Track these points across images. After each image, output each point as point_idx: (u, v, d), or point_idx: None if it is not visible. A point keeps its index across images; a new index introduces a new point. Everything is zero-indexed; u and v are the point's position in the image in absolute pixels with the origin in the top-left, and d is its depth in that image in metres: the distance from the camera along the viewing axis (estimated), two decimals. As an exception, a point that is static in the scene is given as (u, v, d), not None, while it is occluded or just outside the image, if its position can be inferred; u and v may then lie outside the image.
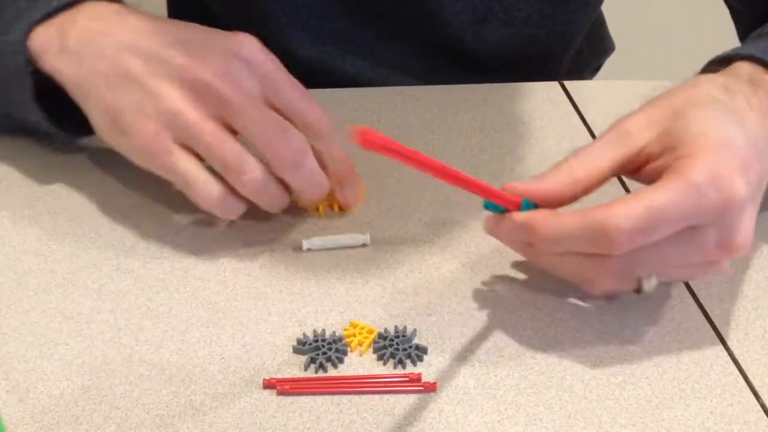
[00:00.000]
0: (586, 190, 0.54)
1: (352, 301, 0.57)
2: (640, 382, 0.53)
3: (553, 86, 0.78)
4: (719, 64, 0.62)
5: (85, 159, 0.68)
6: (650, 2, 1.75)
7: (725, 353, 0.55)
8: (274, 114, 0.57)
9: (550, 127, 0.73)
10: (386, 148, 0.47)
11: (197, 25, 0.60)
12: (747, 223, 0.52)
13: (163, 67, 0.56)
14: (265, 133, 0.56)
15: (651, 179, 0.53)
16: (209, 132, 0.56)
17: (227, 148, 0.56)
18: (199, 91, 0.56)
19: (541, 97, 0.76)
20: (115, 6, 0.61)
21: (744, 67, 0.59)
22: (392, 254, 0.60)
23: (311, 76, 0.81)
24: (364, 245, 0.60)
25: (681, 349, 0.55)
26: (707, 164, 0.50)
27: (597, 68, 1.00)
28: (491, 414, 0.51)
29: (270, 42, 0.70)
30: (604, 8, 0.97)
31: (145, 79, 0.56)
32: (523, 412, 0.51)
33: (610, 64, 1.01)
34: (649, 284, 0.53)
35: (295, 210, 0.63)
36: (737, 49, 0.62)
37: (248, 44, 0.58)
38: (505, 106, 0.75)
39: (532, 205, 0.54)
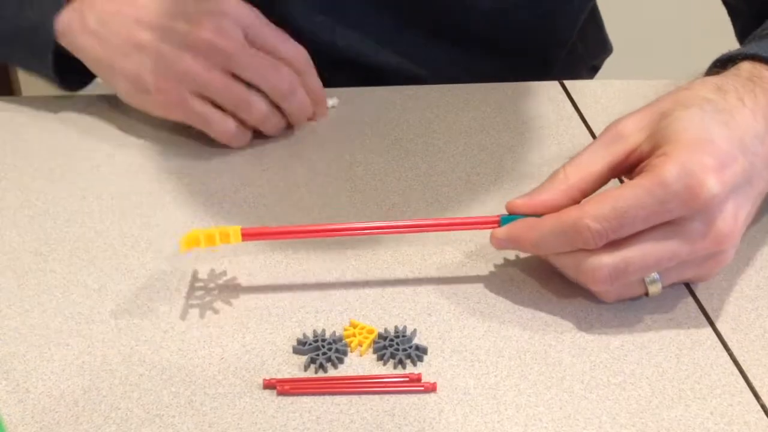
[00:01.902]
0: (584, 194, 0.56)
1: (352, 301, 0.57)
2: (640, 382, 0.53)
3: (553, 86, 0.78)
4: (723, 64, 0.62)
5: (85, 159, 0.69)
6: (649, 3, 1.75)
7: (725, 353, 0.55)
8: (264, 55, 0.68)
9: (550, 127, 0.73)
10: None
11: None
12: (729, 213, 0.53)
13: (168, 35, 0.67)
14: (261, 72, 0.67)
15: None
16: (217, 80, 0.66)
17: (234, 90, 0.67)
18: (202, 49, 0.66)
19: (541, 97, 0.76)
20: None
21: (745, 66, 0.60)
22: (392, 254, 0.60)
23: (301, 45, 0.81)
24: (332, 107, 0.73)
25: (681, 349, 0.55)
26: (679, 161, 0.52)
27: (595, 69, 1.00)
28: (491, 414, 0.51)
29: (262, 9, 0.71)
30: (603, 10, 0.97)
31: (155, 46, 0.67)
32: (523, 412, 0.51)
33: (609, 64, 1.01)
34: (655, 287, 0.55)
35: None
36: (741, 48, 0.62)
37: (230, 2, 0.67)
38: (505, 106, 0.75)
39: (513, 217, 0.57)
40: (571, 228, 0.53)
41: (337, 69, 0.80)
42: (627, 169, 0.56)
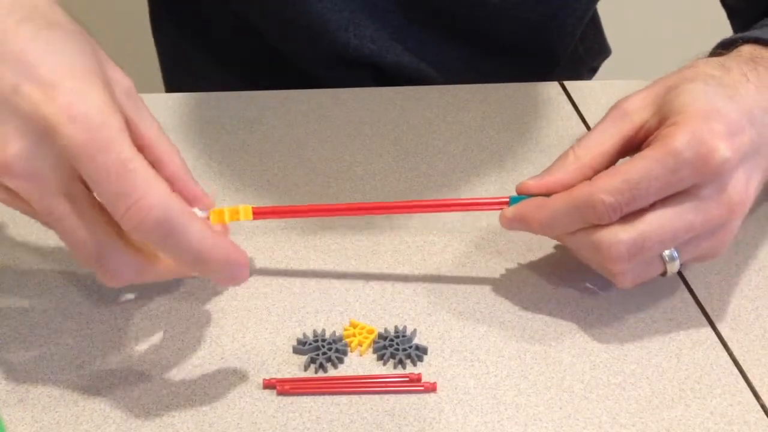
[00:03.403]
0: (596, 173, 0.55)
1: (352, 301, 0.57)
2: (640, 382, 0.53)
3: (553, 86, 0.78)
4: (725, 47, 0.62)
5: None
6: (648, 4, 1.75)
7: (725, 353, 0.55)
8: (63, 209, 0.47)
9: (550, 127, 0.73)
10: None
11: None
12: (740, 181, 0.53)
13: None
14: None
15: None
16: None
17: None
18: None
19: (541, 97, 0.76)
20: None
21: (745, 48, 0.60)
22: (392, 254, 0.60)
23: (313, 40, 0.80)
24: None
25: (681, 349, 0.55)
26: (688, 130, 0.51)
27: (594, 70, 1.00)
28: (491, 414, 0.51)
29: (275, 4, 0.67)
30: (602, 11, 0.98)
31: None
32: (523, 412, 0.51)
33: (607, 66, 1.01)
34: (673, 266, 0.54)
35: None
36: (742, 33, 0.62)
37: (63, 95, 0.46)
38: (505, 106, 0.75)
39: (523, 197, 0.56)
40: (583, 203, 0.52)
41: (350, 68, 0.80)
42: (636, 145, 0.56)
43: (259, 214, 0.55)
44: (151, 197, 0.44)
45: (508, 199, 0.56)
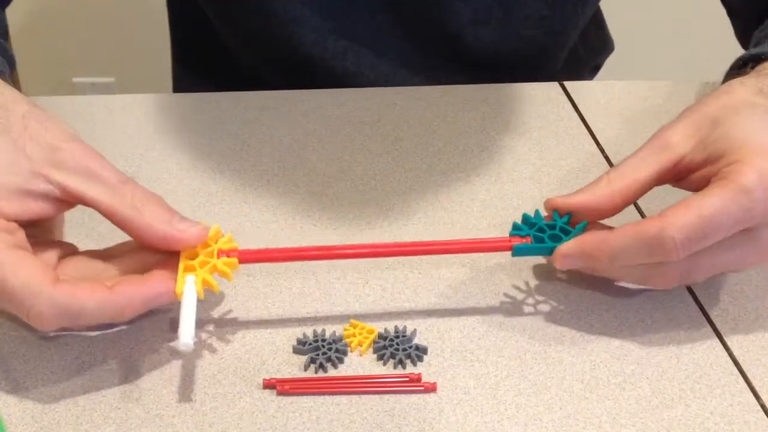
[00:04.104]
0: (626, 201, 0.55)
1: (352, 301, 0.57)
2: (640, 382, 0.53)
3: (553, 86, 0.78)
4: (740, 68, 0.62)
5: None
6: (650, 2, 1.75)
7: (725, 353, 0.55)
8: None
9: (550, 127, 0.73)
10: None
11: None
12: None
13: None
14: None
15: (698, 187, 0.53)
16: None
17: None
18: None
19: (541, 97, 0.76)
20: None
21: None
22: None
23: (312, 73, 0.81)
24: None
25: (681, 349, 0.55)
26: (755, 168, 0.51)
27: (596, 68, 1.00)
28: (491, 414, 0.51)
29: (271, 39, 0.69)
30: (604, 8, 0.98)
31: None
32: (523, 412, 0.51)
33: (610, 64, 1.01)
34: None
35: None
36: (758, 50, 0.62)
37: None
38: (505, 106, 0.75)
39: (525, 245, 0.55)
40: (654, 239, 0.50)
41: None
42: (674, 177, 0.55)
43: (244, 260, 0.53)
44: (37, 307, 0.48)
45: (510, 241, 0.55)
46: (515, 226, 0.56)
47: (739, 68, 0.63)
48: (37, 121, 0.51)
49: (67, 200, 0.51)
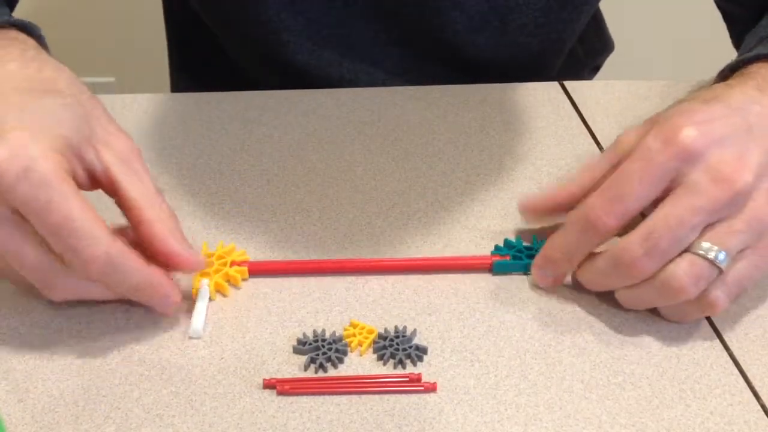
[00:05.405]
0: (584, 191, 0.57)
1: (352, 301, 0.57)
2: (640, 382, 0.53)
3: (553, 86, 0.78)
4: (731, 72, 0.62)
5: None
6: (650, 2, 1.75)
7: (725, 353, 0.55)
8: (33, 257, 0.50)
9: (550, 127, 0.73)
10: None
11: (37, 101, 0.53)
12: (728, 155, 0.53)
13: None
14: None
15: None
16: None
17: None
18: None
19: (541, 97, 0.77)
20: (7, 42, 0.56)
21: (751, 67, 0.61)
22: (392, 254, 0.60)
23: (308, 81, 0.82)
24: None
25: (681, 349, 0.55)
26: (658, 129, 0.54)
27: (596, 68, 1.00)
28: (491, 414, 0.51)
29: (267, 48, 0.70)
30: (604, 8, 0.97)
31: None
32: (523, 412, 0.51)
33: (610, 63, 1.01)
34: (723, 262, 0.53)
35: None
36: (740, 58, 0.62)
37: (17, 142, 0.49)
38: (505, 106, 0.75)
39: (504, 262, 0.59)
40: (580, 217, 0.54)
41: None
42: None
43: (254, 271, 0.58)
44: (93, 249, 0.49)
45: (490, 259, 0.59)
46: (496, 248, 0.60)
47: (730, 72, 0.63)
48: (101, 109, 0.56)
49: (99, 182, 0.53)
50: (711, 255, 0.52)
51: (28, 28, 0.59)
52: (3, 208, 0.49)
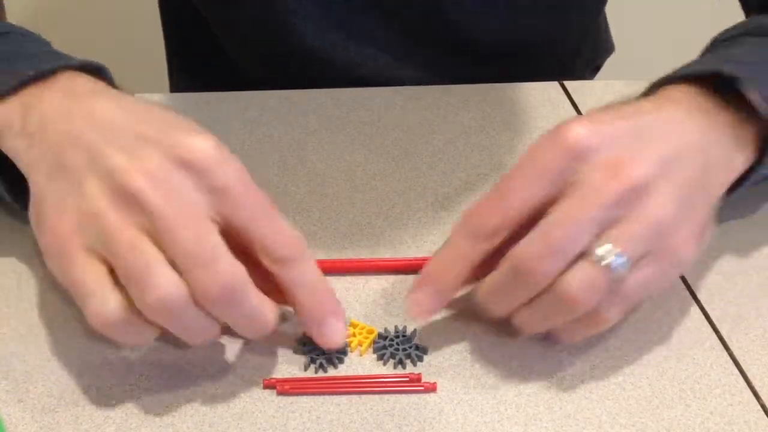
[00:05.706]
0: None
1: (352, 301, 0.57)
2: (640, 382, 0.53)
3: (553, 86, 0.78)
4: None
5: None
6: (650, 2, 1.75)
7: (725, 353, 0.55)
8: (210, 238, 0.47)
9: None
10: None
11: (169, 113, 0.53)
12: (622, 153, 0.50)
13: (98, 166, 0.49)
14: (187, 258, 0.46)
15: None
16: (124, 240, 0.46)
17: (138, 255, 0.46)
18: (128, 198, 0.47)
19: (541, 97, 0.76)
20: (91, 84, 0.55)
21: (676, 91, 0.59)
22: (392, 254, 0.60)
23: (313, 64, 0.81)
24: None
25: (681, 349, 0.55)
26: (548, 132, 0.51)
27: (597, 68, 1.00)
28: (491, 414, 0.51)
29: (273, 32, 0.69)
30: (606, 7, 0.97)
31: (77, 175, 0.49)
32: (523, 412, 0.51)
33: (610, 63, 1.01)
34: (616, 266, 0.49)
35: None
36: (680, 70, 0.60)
37: (203, 149, 0.49)
38: (505, 106, 0.75)
39: None
40: (463, 225, 0.52)
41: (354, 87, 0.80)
42: None
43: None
44: (220, 271, 0.47)
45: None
46: None
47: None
48: None
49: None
50: (606, 262, 0.48)
51: (102, 72, 0.59)
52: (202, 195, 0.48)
